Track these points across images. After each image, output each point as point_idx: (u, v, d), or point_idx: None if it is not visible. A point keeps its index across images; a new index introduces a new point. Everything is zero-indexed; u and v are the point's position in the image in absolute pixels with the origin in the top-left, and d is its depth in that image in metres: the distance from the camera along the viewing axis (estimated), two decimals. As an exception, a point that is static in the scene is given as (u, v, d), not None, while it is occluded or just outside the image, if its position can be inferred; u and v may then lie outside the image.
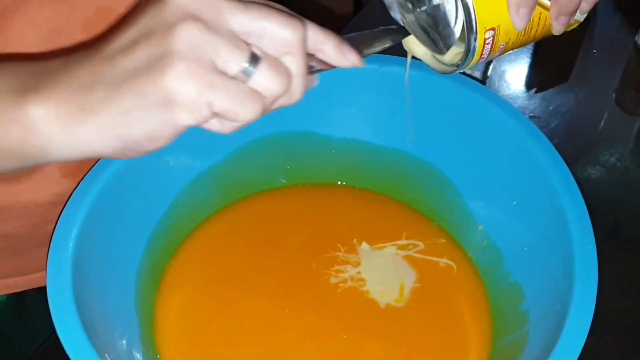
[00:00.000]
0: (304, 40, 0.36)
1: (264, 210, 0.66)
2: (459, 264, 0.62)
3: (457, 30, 0.43)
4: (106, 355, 0.45)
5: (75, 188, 0.51)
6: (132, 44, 0.35)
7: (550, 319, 0.49)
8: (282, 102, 0.37)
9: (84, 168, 0.53)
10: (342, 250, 0.62)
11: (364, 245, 0.63)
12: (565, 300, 0.47)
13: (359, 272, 0.61)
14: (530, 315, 0.54)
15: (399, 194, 0.67)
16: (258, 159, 0.65)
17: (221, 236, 0.64)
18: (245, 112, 0.35)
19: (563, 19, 0.42)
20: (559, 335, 0.45)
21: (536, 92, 0.87)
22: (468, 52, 0.43)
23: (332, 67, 0.39)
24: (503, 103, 0.59)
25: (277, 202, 0.67)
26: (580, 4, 0.43)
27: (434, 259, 0.63)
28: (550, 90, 0.88)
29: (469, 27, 0.42)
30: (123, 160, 0.53)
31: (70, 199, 0.51)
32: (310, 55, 0.37)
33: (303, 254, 0.62)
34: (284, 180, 0.68)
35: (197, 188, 0.63)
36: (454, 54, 0.46)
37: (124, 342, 0.52)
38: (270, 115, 0.39)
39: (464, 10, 0.41)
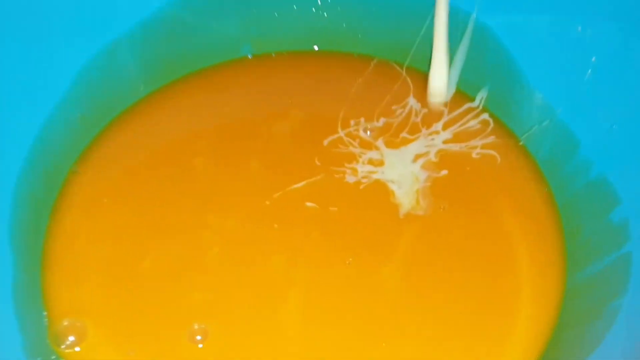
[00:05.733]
0: None
1: (227, 88, 0.49)
2: (507, 155, 0.45)
3: None
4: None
5: None
6: None
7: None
8: None
9: None
10: (356, 145, 0.45)
11: (380, 141, 0.46)
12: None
13: (378, 169, 0.45)
14: (630, 229, 0.38)
15: (403, 57, 0.48)
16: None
17: (156, 125, 0.46)
18: None
19: None
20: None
21: None
22: None
23: None
24: None
25: (242, 75, 0.50)
26: None
27: (468, 148, 0.45)
28: None
29: None
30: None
31: None
32: None
33: (293, 145, 0.46)
34: (248, 48, 0.51)
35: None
36: None
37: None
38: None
39: None
